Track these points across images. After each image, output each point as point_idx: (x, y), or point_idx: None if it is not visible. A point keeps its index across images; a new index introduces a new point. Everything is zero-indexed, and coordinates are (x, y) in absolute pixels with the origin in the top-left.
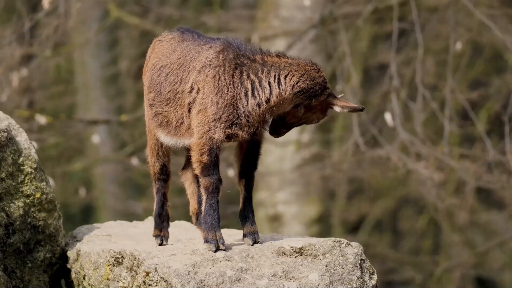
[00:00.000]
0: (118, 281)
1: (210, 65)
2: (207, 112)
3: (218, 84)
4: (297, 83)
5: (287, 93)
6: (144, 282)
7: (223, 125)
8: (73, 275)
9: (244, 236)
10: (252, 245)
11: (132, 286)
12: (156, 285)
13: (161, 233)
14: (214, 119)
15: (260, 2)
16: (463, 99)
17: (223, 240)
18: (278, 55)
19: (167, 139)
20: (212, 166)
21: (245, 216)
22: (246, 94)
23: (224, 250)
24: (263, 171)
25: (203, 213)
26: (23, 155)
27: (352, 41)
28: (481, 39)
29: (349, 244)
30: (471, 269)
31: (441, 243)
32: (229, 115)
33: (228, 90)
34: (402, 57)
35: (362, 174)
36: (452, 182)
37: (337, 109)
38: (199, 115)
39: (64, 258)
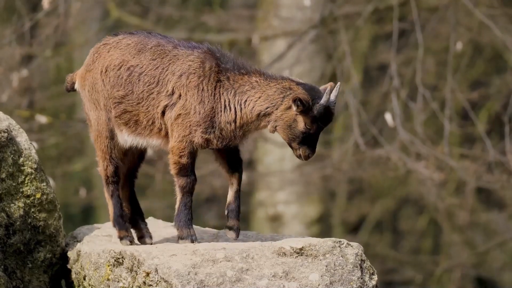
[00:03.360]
0: (118, 281)
1: (194, 73)
2: (190, 118)
3: (201, 94)
4: (253, 107)
5: (248, 116)
6: (144, 282)
7: (201, 130)
8: (73, 276)
9: (230, 228)
10: (235, 239)
11: (132, 287)
12: (156, 286)
13: (128, 233)
14: (196, 125)
15: (260, 2)
16: (463, 99)
17: (196, 236)
18: (250, 72)
19: (130, 138)
20: (190, 167)
21: (234, 209)
22: (221, 110)
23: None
24: (263, 171)
25: (176, 211)
26: (23, 155)
27: (352, 41)
28: (481, 39)
29: (349, 245)
30: (471, 269)
31: (441, 243)
32: (207, 124)
33: (208, 101)
34: (402, 57)
35: (362, 174)
36: (452, 182)
37: (294, 108)
38: (179, 119)
39: (64, 258)
